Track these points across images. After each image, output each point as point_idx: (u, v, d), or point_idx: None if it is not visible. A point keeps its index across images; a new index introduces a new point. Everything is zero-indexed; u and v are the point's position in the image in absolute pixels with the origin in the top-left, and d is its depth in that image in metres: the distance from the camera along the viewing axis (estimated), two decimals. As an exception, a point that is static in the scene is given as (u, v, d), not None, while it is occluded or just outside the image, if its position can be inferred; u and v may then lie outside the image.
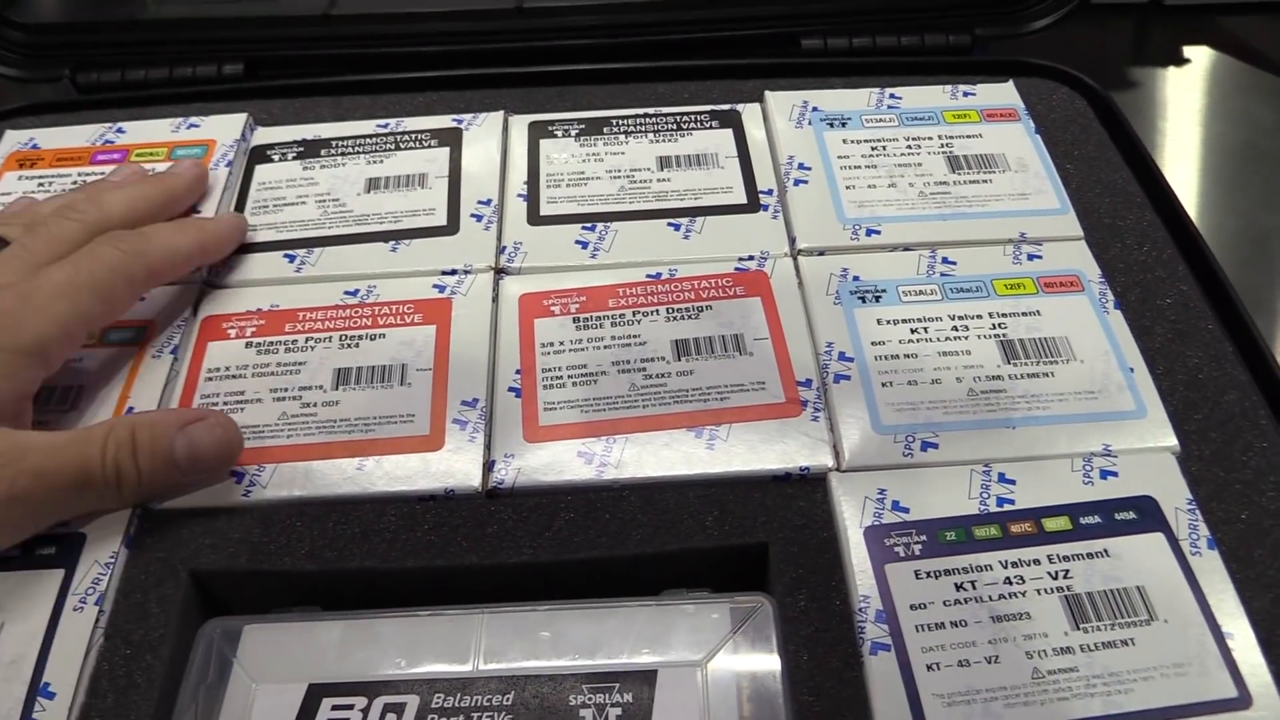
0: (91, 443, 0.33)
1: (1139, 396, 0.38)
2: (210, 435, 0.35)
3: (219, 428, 0.36)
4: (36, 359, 0.34)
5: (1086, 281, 0.41)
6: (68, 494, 0.33)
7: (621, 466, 0.36)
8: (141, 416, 0.35)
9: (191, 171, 0.44)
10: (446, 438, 0.37)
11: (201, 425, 0.35)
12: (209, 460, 0.36)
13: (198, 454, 0.35)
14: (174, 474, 0.35)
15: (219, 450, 0.36)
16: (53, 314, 0.34)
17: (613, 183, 0.45)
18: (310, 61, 0.54)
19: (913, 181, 0.45)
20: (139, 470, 0.34)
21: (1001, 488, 0.35)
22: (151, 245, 0.38)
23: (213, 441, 0.35)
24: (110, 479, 0.33)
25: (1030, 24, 0.53)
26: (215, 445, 0.35)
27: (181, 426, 0.35)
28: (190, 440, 0.35)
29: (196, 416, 0.35)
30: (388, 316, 0.41)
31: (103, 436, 0.33)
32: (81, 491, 0.34)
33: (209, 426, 0.35)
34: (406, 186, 0.46)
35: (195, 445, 0.35)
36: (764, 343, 0.39)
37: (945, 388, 0.38)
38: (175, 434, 0.34)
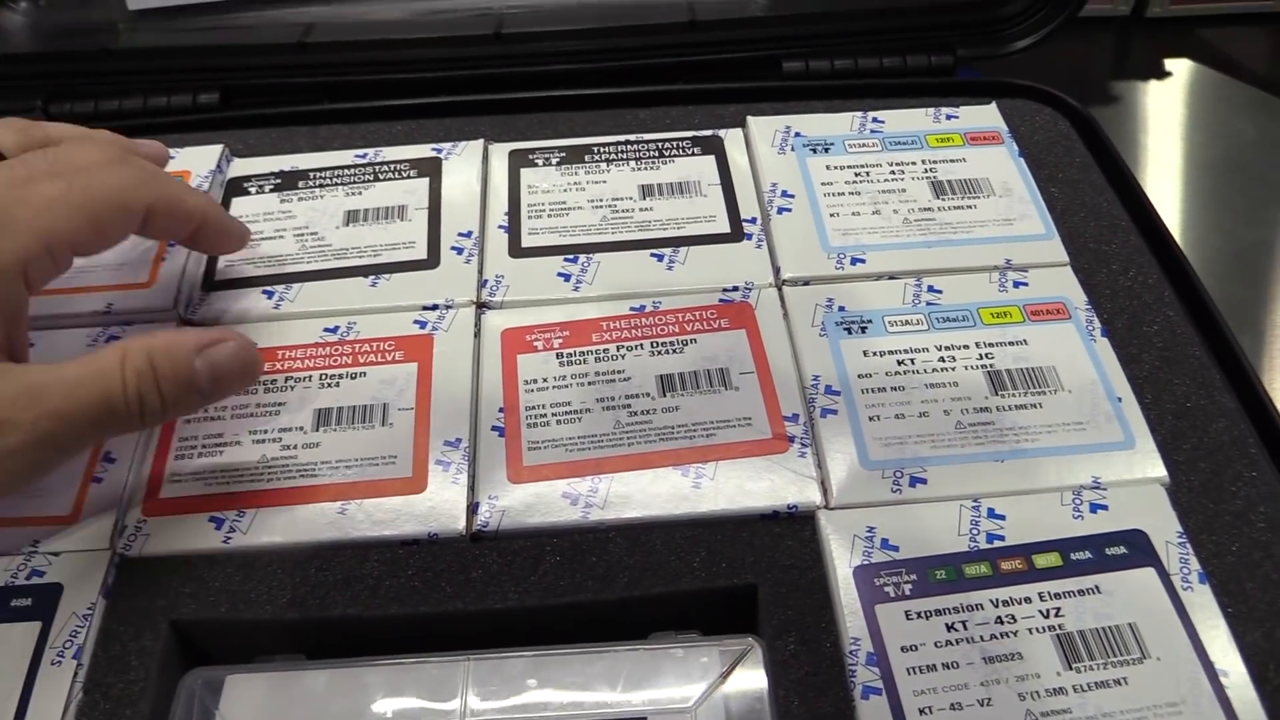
0: (109, 375, 0.32)
1: (1127, 427, 0.38)
2: (230, 355, 0.34)
3: (238, 348, 0.34)
4: (18, 279, 0.32)
5: (1073, 309, 0.41)
6: (91, 428, 0.32)
7: (607, 507, 0.36)
8: (156, 340, 0.33)
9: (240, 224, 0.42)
10: (429, 479, 0.37)
11: (220, 348, 0.34)
12: (231, 381, 0.35)
13: (219, 375, 0.34)
14: (196, 398, 0.34)
15: (240, 370, 0.35)
16: (36, 228, 0.32)
17: (595, 212, 0.45)
18: (286, 90, 0.53)
19: (897, 208, 0.45)
20: (163, 397, 0.32)
21: (991, 523, 0.35)
22: (161, 183, 0.36)
23: (234, 361, 0.34)
24: (134, 409, 0.32)
25: (1013, 44, 0.53)
26: (236, 365, 0.34)
27: (199, 349, 0.33)
28: (210, 362, 0.34)
29: (213, 339, 0.34)
30: (368, 354, 0.40)
31: (119, 366, 0.32)
32: (104, 424, 0.32)
33: (228, 349, 0.34)
34: (386, 219, 0.45)
35: (216, 367, 0.34)
36: (750, 377, 0.39)
37: (933, 421, 0.38)
38: (194, 357, 0.33)
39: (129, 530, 0.36)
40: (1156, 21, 0.74)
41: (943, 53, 0.52)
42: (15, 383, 0.31)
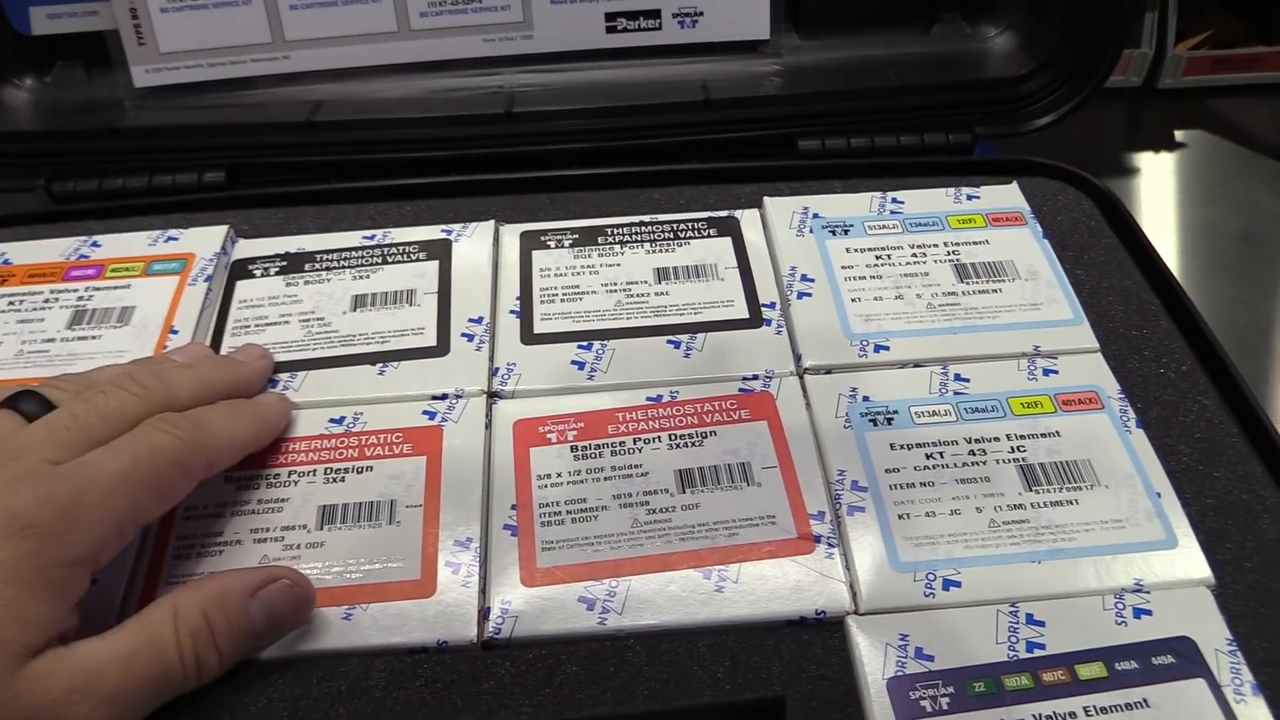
0: (163, 642, 0.30)
1: (1168, 524, 0.36)
2: (285, 597, 0.33)
3: (292, 587, 0.33)
4: (88, 569, 0.30)
5: (1106, 398, 0.40)
6: (147, 701, 0.30)
7: (626, 612, 0.34)
8: (207, 590, 0.32)
9: (260, 363, 0.41)
10: (439, 583, 0.35)
11: (274, 588, 0.33)
12: (288, 624, 0.33)
13: (276, 619, 0.33)
14: (253, 644, 0.33)
15: (296, 611, 0.34)
16: (107, 514, 0.30)
17: (609, 296, 0.44)
18: (294, 169, 0.52)
19: (920, 292, 0.43)
20: (220, 655, 0.31)
21: (1030, 630, 0.33)
22: (210, 435, 0.34)
23: (289, 602, 0.33)
24: (191, 672, 0.31)
25: (1032, 122, 0.52)
26: (292, 606, 0.33)
27: (252, 593, 0.32)
28: (266, 606, 0.32)
29: (265, 578, 0.33)
30: (375, 447, 0.39)
31: (172, 629, 0.30)
32: (161, 693, 0.30)
33: (282, 589, 0.33)
34: (394, 304, 0.44)
35: (273, 611, 0.33)
36: (772, 471, 0.37)
37: (965, 519, 0.36)
38: (249, 603, 0.32)
39: (120, 634, 0.34)
40: (1168, 93, 0.74)
41: (961, 131, 0.52)
42: (69, 672, 0.28)
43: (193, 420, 0.34)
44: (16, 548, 0.28)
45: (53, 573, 0.29)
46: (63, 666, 0.29)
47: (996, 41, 0.55)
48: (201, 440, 0.34)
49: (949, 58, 0.54)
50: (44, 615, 0.29)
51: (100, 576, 0.35)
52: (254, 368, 0.40)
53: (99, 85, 0.53)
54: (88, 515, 0.30)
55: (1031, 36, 0.54)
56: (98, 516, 0.30)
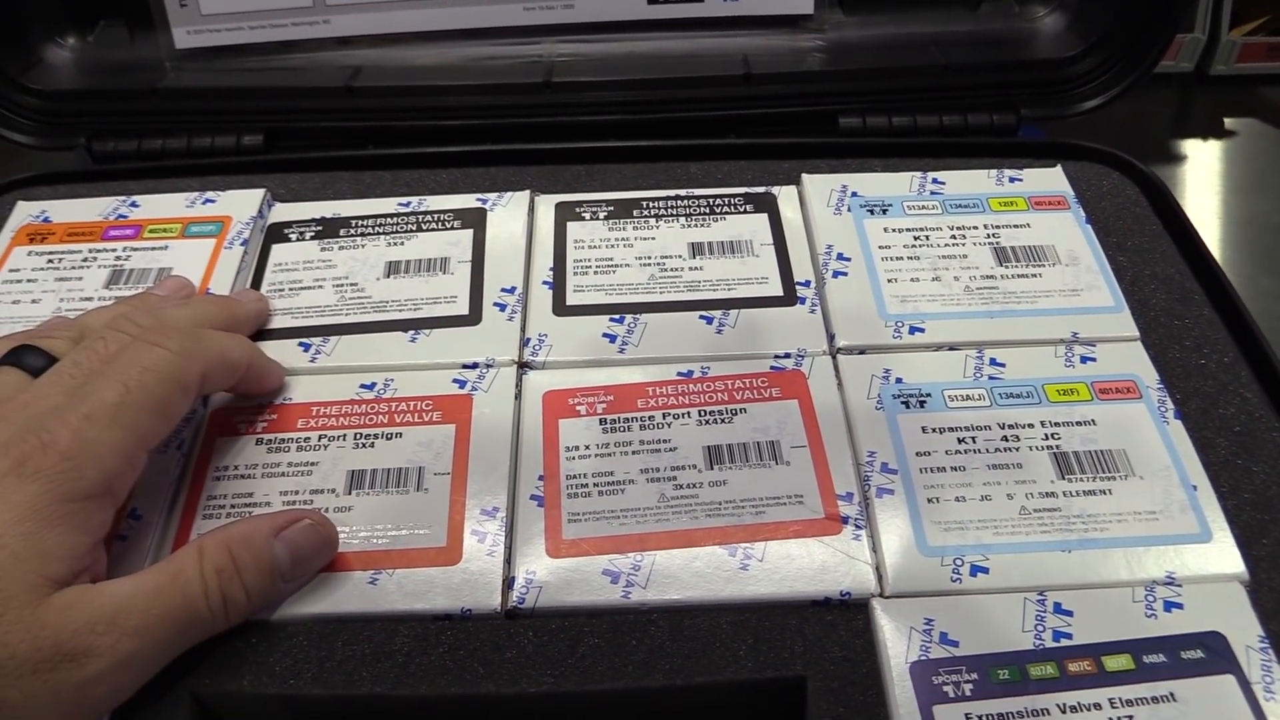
0: (188, 579, 0.31)
1: (1203, 518, 0.35)
2: (309, 536, 0.33)
3: (315, 526, 0.34)
4: (105, 500, 0.31)
5: (1144, 388, 0.39)
6: (174, 638, 0.31)
7: (650, 586, 0.34)
8: (232, 531, 0.32)
9: (256, 304, 0.42)
10: (465, 551, 0.35)
11: (296, 528, 0.33)
12: (312, 560, 0.34)
13: (300, 556, 0.33)
14: (279, 585, 0.33)
15: (319, 550, 0.34)
16: (111, 446, 0.31)
17: (642, 270, 0.43)
18: (331, 134, 0.52)
19: (958, 275, 0.43)
20: (247, 592, 0.32)
21: (1058, 619, 0.33)
22: (201, 345, 0.35)
23: (313, 539, 0.34)
24: (217, 611, 0.31)
25: (1080, 104, 0.51)
26: (316, 541, 0.34)
27: (276, 533, 0.33)
28: (290, 545, 0.33)
29: (288, 520, 0.33)
30: (405, 414, 0.39)
31: (197, 567, 0.31)
32: (187, 631, 0.31)
33: (306, 528, 0.33)
34: (428, 271, 0.44)
35: (296, 548, 0.33)
36: (802, 451, 0.37)
37: (995, 505, 0.36)
38: (273, 543, 0.33)
39: (151, 592, 0.34)
40: (1219, 79, 0.72)
41: (1006, 112, 0.51)
42: (93, 605, 0.29)
43: (183, 332, 0.35)
44: (27, 489, 0.29)
45: (67, 508, 0.29)
46: (87, 600, 0.29)
47: (1045, 21, 0.53)
48: (193, 350, 0.34)
49: (996, 36, 0.53)
50: (65, 547, 0.29)
51: (129, 534, 0.36)
52: (250, 308, 0.41)
53: (140, 46, 0.53)
54: (91, 451, 0.30)
55: (1081, 17, 0.52)
56: (102, 451, 0.31)
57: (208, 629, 0.32)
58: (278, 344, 0.41)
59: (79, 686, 0.28)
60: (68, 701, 0.28)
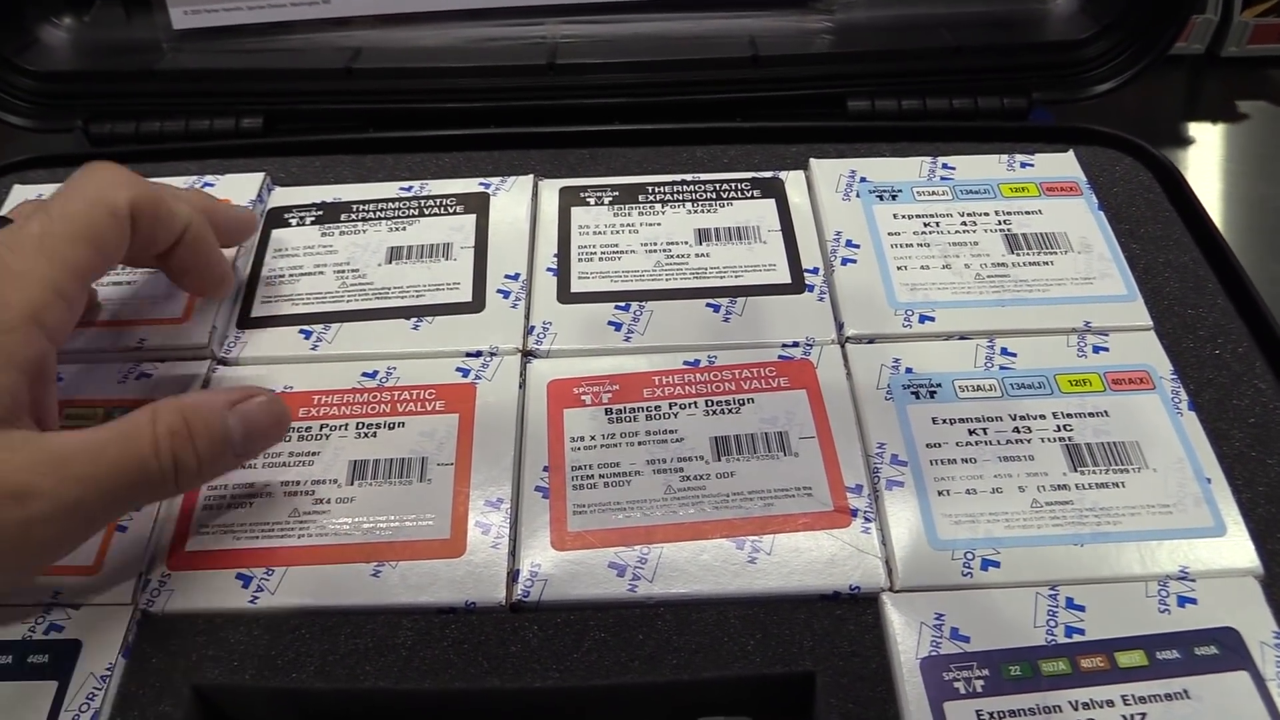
0: (139, 437, 0.30)
1: (1217, 511, 0.35)
2: (261, 409, 0.33)
3: (269, 400, 0.34)
4: (34, 332, 0.30)
5: (1158, 378, 0.38)
6: (122, 493, 0.30)
7: (657, 580, 0.34)
8: (186, 399, 0.32)
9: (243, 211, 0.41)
10: (469, 543, 0.34)
11: (251, 402, 0.33)
12: (263, 436, 0.34)
13: (252, 430, 0.33)
14: (230, 456, 0.33)
15: (272, 422, 0.34)
16: (36, 276, 0.31)
17: (648, 257, 0.43)
18: (332, 116, 0.51)
19: (968, 262, 0.42)
20: (198, 458, 0.31)
21: (1070, 615, 0.32)
22: (133, 177, 0.34)
23: (266, 415, 0.34)
24: (168, 471, 0.31)
25: (1092, 88, 0.50)
26: (268, 418, 0.34)
27: (230, 406, 0.32)
28: (244, 417, 0.33)
29: (242, 395, 0.33)
30: (408, 403, 0.38)
31: (150, 425, 0.30)
32: (136, 487, 0.31)
33: (259, 403, 0.33)
34: (430, 257, 0.43)
35: (249, 420, 0.33)
36: (810, 442, 0.37)
37: (1007, 498, 0.35)
38: (226, 413, 0.32)
39: (152, 585, 0.34)
40: (1231, 61, 0.71)
41: (1017, 95, 0.50)
42: (39, 448, 0.29)
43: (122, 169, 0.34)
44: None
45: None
46: (31, 444, 0.29)
47: (1057, 3, 0.53)
48: (122, 178, 0.33)
49: (1007, 18, 0.52)
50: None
51: (128, 525, 0.35)
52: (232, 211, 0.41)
53: (137, 26, 0.52)
54: (14, 282, 0.30)
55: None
56: (26, 281, 0.30)
57: (157, 490, 0.31)
58: (277, 331, 0.41)
59: (21, 525, 0.28)
60: (11, 539, 0.28)
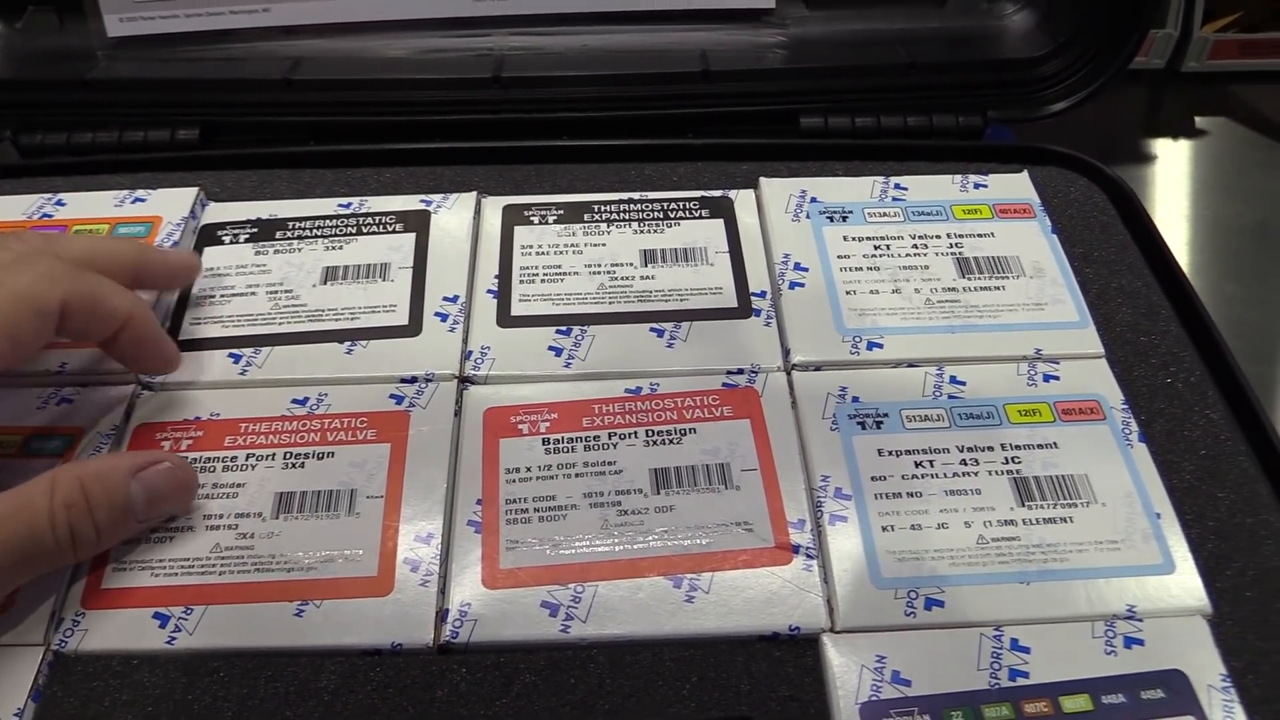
0: (35, 511, 0.30)
1: (1166, 548, 0.34)
2: (166, 476, 0.33)
3: (175, 469, 0.33)
4: None
5: (1108, 408, 0.38)
6: (15, 568, 0.30)
7: (590, 620, 0.32)
8: (87, 466, 0.32)
9: (181, 257, 0.41)
10: (396, 581, 0.33)
11: (156, 470, 0.33)
12: (167, 503, 0.34)
13: (156, 498, 0.33)
14: (132, 524, 0.33)
15: (178, 492, 0.34)
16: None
17: (592, 279, 0.42)
18: (271, 129, 0.50)
19: (919, 287, 0.41)
20: (97, 528, 0.31)
21: (1014, 657, 0.32)
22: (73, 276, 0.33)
23: (170, 482, 0.33)
24: (64, 544, 0.30)
25: (1048, 106, 0.49)
26: (174, 488, 0.34)
27: (134, 473, 0.32)
28: (147, 485, 0.32)
29: (147, 461, 0.33)
30: (338, 431, 0.37)
31: (46, 498, 0.30)
32: (30, 562, 0.30)
33: (163, 470, 0.33)
34: (366, 278, 0.42)
35: (153, 489, 0.33)
36: (753, 475, 0.36)
37: (953, 534, 0.34)
38: (129, 482, 0.32)
39: (66, 624, 0.33)
40: (1190, 77, 0.71)
41: (972, 113, 0.49)
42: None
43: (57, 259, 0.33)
44: None
45: None
46: None
47: (1014, 19, 0.52)
48: (59, 276, 0.32)
49: (963, 34, 0.51)
50: None
51: (42, 561, 0.34)
52: (171, 257, 0.40)
53: (71, 33, 0.51)
54: None
55: (1051, 14, 0.51)
56: None
57: (54, 561, 0.31)
58: (206, 355, 0.39)
59: None
60: None
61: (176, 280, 0.41)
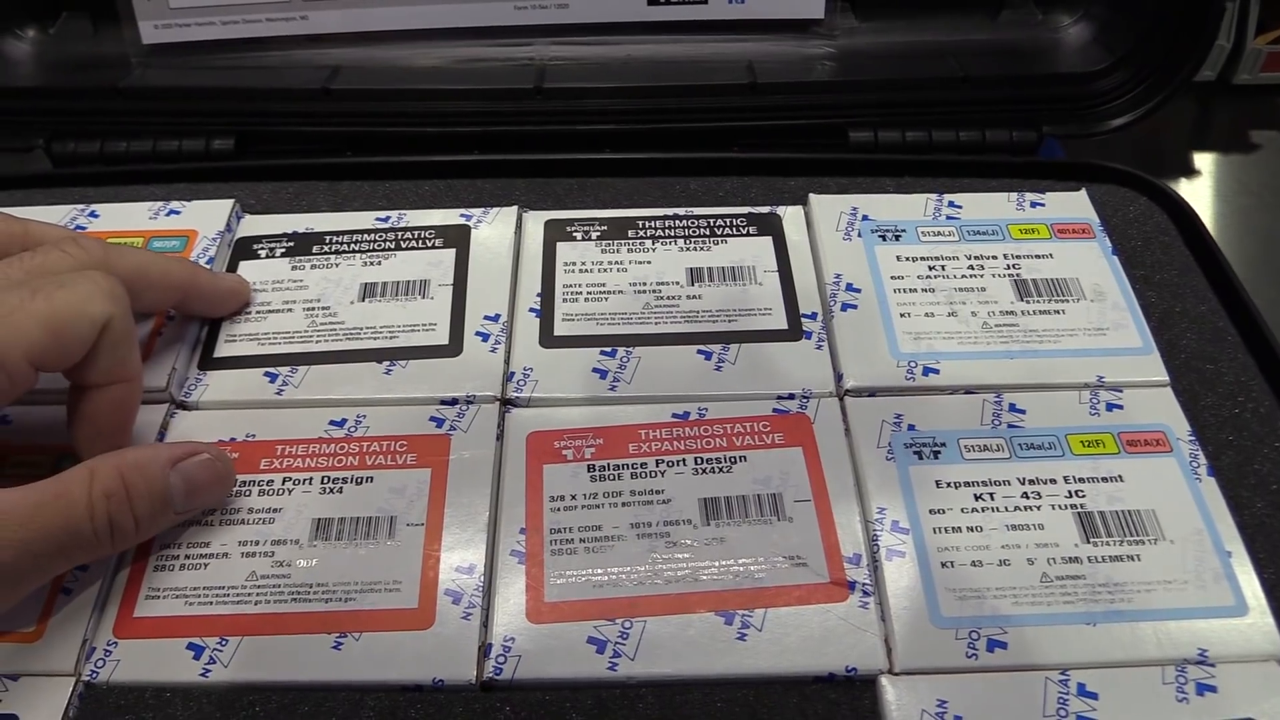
0: (74, 500, 0.29)
1: (1238, 588, 0.33)
2: (205, 467, 0.33)
3: (212, 459, 0.33)
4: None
5: (1174, 440, 0.36)
6: (53, 557, 0.29)
7: (639, 658, 0.31)
8: (127, 456, 0.31)
9: (233, 282, 0.40)
10: (438, 613, 0.32)
11: (194, 460, 0.32)
12: (206, 495, 0.33)
13: (195, 489, 0.32)
14: (170, 515, 0.32)
15: (216, 481, 0.33)
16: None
17: (637, 298, 0.40)
18: (308, 139, 0.49)
19: (975, 310, 0.40)
20: (136, 519, 0.31)
21: (1081, 703, 0.30)
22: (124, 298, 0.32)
23: (209, 474, 0.33)
24: (103, 534, 0.30)
25: (1105, 122, 0.48)
26: (212, 477, 0.33)
27: (173, 463, 0.32)
28: (186, 476, 0.32)
29: (186, 451, 0.32)
30: (377, 455, 0.36)
31: (85, 488, 0.29)
32: (68, 551, 0.30)
33: (202, 461, 0.33)
34: (406, 295, 0.41)
35: (191, 480, 0.32)
36: (806, 505, 0.34)
37: (1015, 571, 0.33)
38: (168, 472, 0.32)
39: (97, 654, 0.32)
40: (1242, 89, 0.69)
41: (1026, 128, 0.48)
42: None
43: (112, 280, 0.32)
44: None
45: None
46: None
47: (1070, 32, 0.50)
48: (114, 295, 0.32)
49: (1017, 48, 0.50)
50: None
51: (73, 587, 0.33)
52: (224, 283, 0.40)
53: (105, 40, 0.50)
54: None
55: (1108, 28, 0.49)
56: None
57: (92, 552, 0.30)
58: (241, 373, 0.38)
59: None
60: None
61: (224, 307, 0.40)
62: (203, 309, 0.40)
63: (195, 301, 0.39)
